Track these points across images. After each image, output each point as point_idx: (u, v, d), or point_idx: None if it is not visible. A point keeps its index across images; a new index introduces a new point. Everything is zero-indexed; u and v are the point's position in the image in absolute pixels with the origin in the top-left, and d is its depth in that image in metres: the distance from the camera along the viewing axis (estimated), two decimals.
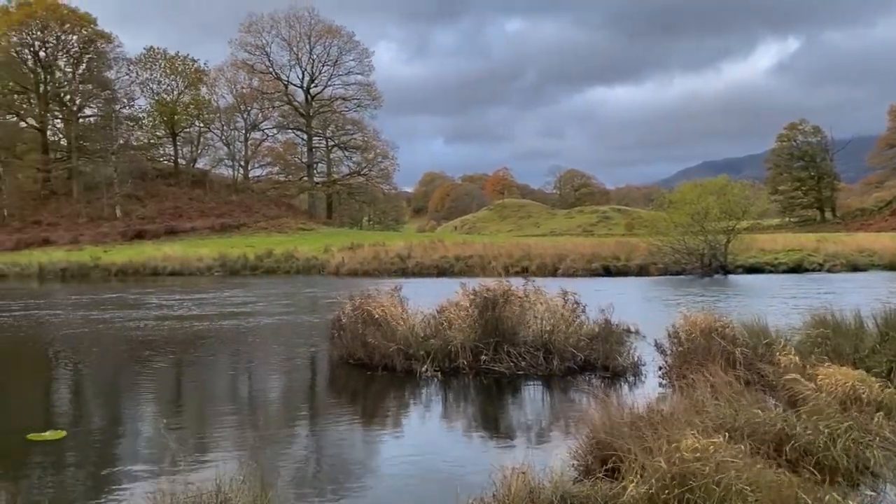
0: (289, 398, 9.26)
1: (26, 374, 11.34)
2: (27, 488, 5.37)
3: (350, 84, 76.83)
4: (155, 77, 71.36)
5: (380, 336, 9.58)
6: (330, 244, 44.30)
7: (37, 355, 12.69)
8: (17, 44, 65.50)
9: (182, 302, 21.69)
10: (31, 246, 52.74)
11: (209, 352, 12.65)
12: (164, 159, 74.31)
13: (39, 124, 67.69)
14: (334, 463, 6.28)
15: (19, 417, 8.10)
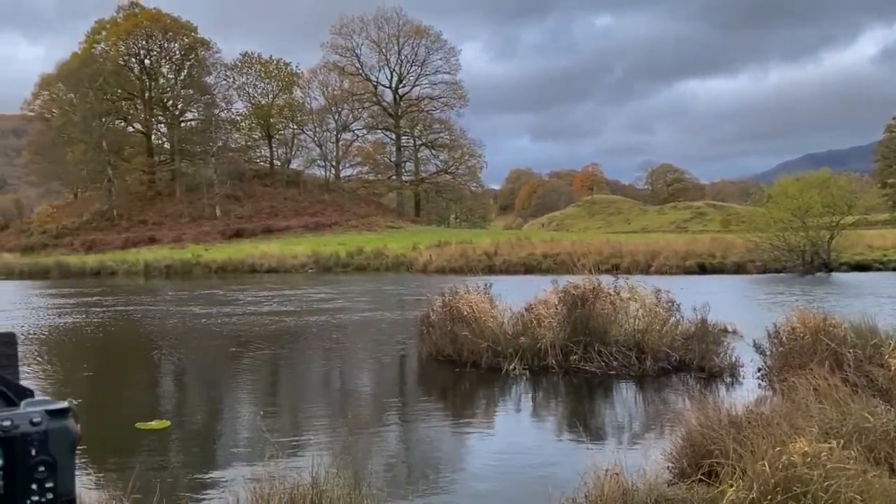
0: (379, 393, 9.40)
1: (134, 366, 11.97)
2: (138, 475, 5.66)
3: (437, 83, 77.52)
4: (251, 81, 74.05)
5: (469, 333, 9.59)
6: (418, 242, 44.80)
7: (143, 348, 13.38)
8: (125, 53, 69.28)
9: (277, 298, 22.41)
10: (138, 244, 55.78)
11: (301, 347, 13.01)
12: (260, 161, 76.96)
13: (145, 129, 71.50)
14: (424, 459, 6.33)
15: (128, 407, 8.56)
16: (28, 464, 0.82)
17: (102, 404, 8.76)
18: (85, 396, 8.89)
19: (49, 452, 0.83)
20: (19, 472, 0.81)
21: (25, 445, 0.82)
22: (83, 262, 44.08)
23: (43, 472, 0.82)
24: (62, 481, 0.84)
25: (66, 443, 0.85)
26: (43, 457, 0.82)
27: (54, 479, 0.83)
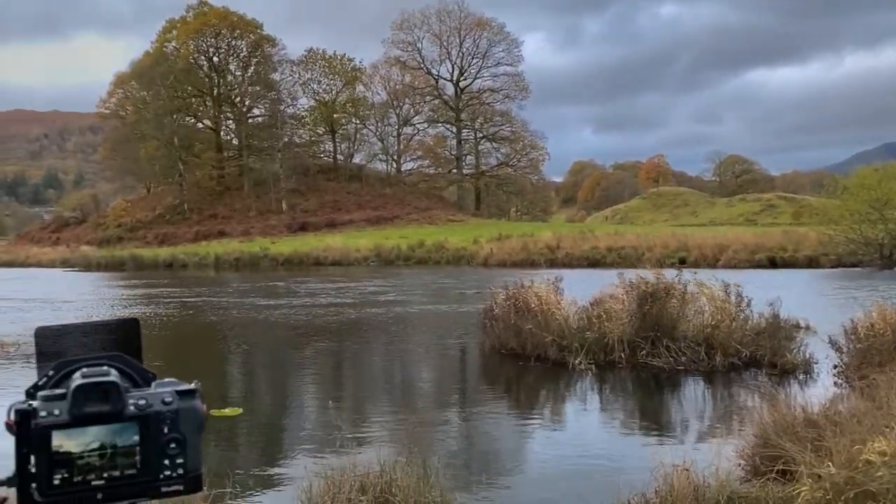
0: (442, 385, 9.48)
1: (206, 354, 12.36)
2: (212, 460, 5.87)
3: (498, 75, 77.16)
4: (315, 77, 75.19)
5: (534, 326, 9.56)
6: (478, 235, 44.76)
7: (213, 338, 13.80)
8: (194, 51, 71.25)
9: (340, 291, 22.77)
10: (208, 237, 57.44)
11: (364, 338, 13.21)
12: (324, 155, 78.17)
13: (214, 125, 73.49)
14: (490, 451, 6.36)
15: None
16: (161, 441, 0.87)
17: None
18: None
19: (179, 430, 0.88)
20: (153, 449, 0.86)
21: (158, 423, 0.87)
22: (156, 255, 45.65)
23: (174, 449, 0.87)
24: (191, 458, 0.88)
25: (194, 422, 0.89)
26: (174, 434, 0.87)
27: (184, 456, 0.88)
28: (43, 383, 0.92)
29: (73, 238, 61.79)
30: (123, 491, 0.86)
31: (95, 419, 0.85)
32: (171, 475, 0.87)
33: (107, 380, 0.86)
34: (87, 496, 0.85)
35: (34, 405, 0.85)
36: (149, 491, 0.87)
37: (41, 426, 0.83)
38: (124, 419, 0.86)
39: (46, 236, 66.84)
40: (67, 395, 0.85)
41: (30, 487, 0.83)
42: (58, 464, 0.84)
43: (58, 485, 0.84)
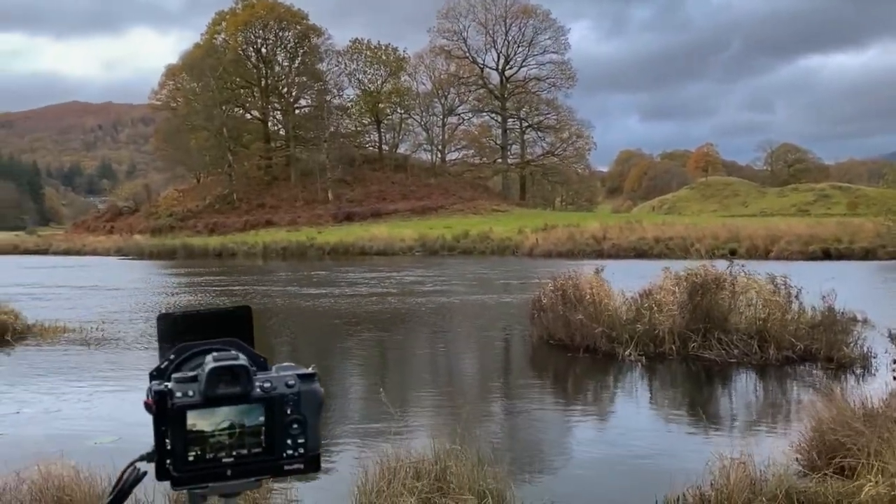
0: (491, 375, 9.52)
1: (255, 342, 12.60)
2: None
3: (544, 64, 76.54)
4: (360, 67, 75.60)
5: (584, 317, 9.53)
6: (523, 225, 44.59)
7: (262, 325, 14.07)
8: (243, 42, 72.30)
9: (385, 280, 22.97)
10: (257, 227, 58.39)
11: (410, 327, 13.31)
12: (369, 146, 78.65)
13: (262, 116, 74.53)
14: (540, 442, 6.38)
15: None
16: (284, 421, 0.92)
17: None
18: None
19: (301, 412, 0.93)
20: (277, 429, 0.91)
21: (282, 405, 0.92)
22: (206, 244, 46.60)
23: (296, 429, 0.92)
24: (311, 438, 0.94)
25: (314, 404, 0.94)
26: (296, 415, 0.92)
27: (305, 436, 0.93)
28: (165, 366, 0.99)
29: (127, 227, 63.42)
30: (250, 468, 0.91)
31: (225, 400, 0.89)
32: (293, 454, 0.92)
33: (237, 363, 0.90)
34: (218, 472, 0.90)
35: (170, 387, 0.89)
36: (273, 469, 0.92)
37: (177, 406, 0.88)
38: (251, 401, 0.90)
39: (101, 225, 68.75)
40: (201, 377, 0.90)
41: (166, 463, 0.89)
42: (191, 441, 0.89)
43: (191, 461, 0.89)
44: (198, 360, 0.99)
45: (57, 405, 7.62)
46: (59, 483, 4.21)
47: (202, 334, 1.03)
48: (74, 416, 7.22)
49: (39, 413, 7.33)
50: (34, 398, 7.92)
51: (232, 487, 0.93)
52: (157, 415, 0.89)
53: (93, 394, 8.09)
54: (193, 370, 0.93)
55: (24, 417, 7.17)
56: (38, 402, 7.74)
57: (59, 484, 4.21)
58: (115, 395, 8.08)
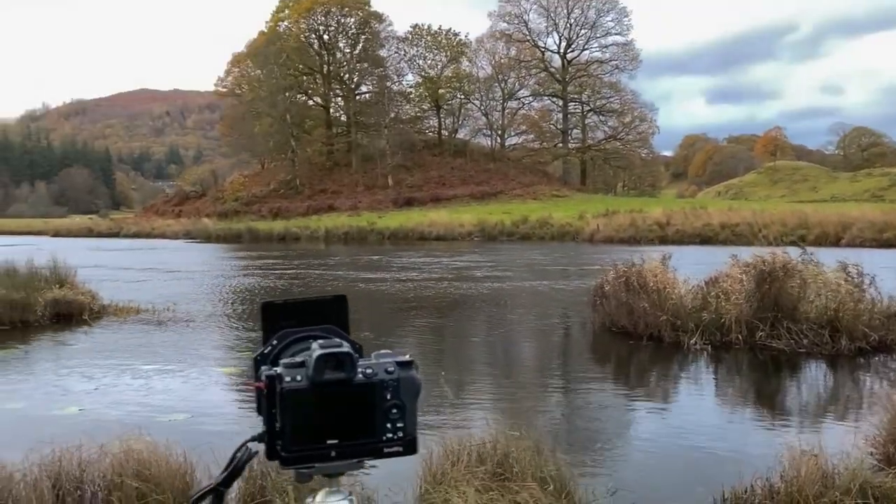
0: (551, 361, 9.50)
1: None
2: None
3: (607, 46, 75.25)
4: (420, 53, 75.73)
5: (648, 305, 9.40)
6: (584, 211, 44.11)
7: None
8: (306, 29, 73.25)
9: (444, 265, 23.08)
10: (319, 212, 59.35)
11: (468, 313, 13.34)
12: (429, 131, 78.85)
13: (324, 102, 75.50)
14: (603, 430, 6.35)
15: None
16: (384, 406, 0.96)
17: None
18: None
19: (400, 397, 0.97)
20: (378, 413, 0.96)
21: (382, 391, 0.96)
22: (270, 228, 47.62)
23: (395, 414, 0.97)
24: (409, 423, 0.98)
25: (412, 390, 0.99)
26: (395, 401, 0.97)
27: (404, 421, 0.97)
28: (269, 351, 1.05)
29: (194, 211, 65.28)
30: (352, 450, 0.96)
31: (331, 385, 0.94)
32: (392, 437, 0.97)
33: (342, 350, 0.95)
34: (323, 453, 0.95)
35: (279, 371, 0.94)
36: (373, 451, 0.97)
37: (286, 390, 0.93)
38: (354, 386, 0.95)
39: (169, 209, 70.95)
40: (308, 363, 0.94)
41: (276, 444, 0.94)
42: (299, 424, 0.94)
43: (299, 442, 0.94)
44: (299, 345, 1.04)
45: (132, 382, 7.95)
46: (139, 457, 4.41)
47: (302, 321, 1.08)
48: (148, 393, 7.52)
49: (116, 389, 7.66)
50: (110, 375, 8.28)
51: (335, 468, 0.98)
52: (268, 398, 0.94)
53: (165, 372, 8.40)
54: (299, 355, 0.97)
55: (102, 393, 7.50)
56: (114, 379, 8.09)
57: (138, 458, 4.40)
58: (186, 373, 8.38)
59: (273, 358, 1.03)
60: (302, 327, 1.07)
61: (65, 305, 12.29)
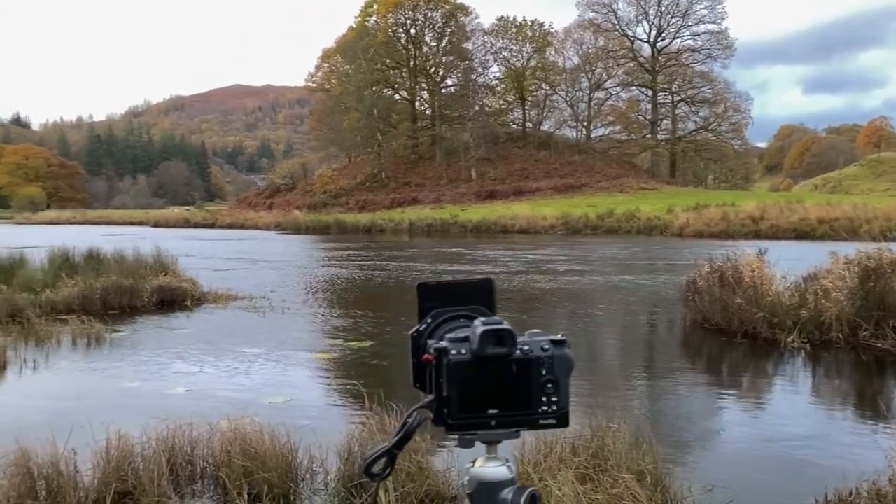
0: (642, 356, 9.38)
1: (400, 311, 13.06)
2: None
3: (700, 34, 72.86)
4: (506, 45, 75.45)
5: (743, 301, 9.15)
6: (673, 204, 43.03)
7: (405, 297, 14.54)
8: (393, 24, 74.18)
9: (527, 258, 23.01)
10: (403, 204, 60.13)
11: (552, 306, 13.28)
12: (513, 123, 78.54)
13: (410, 96, 76.33)
14: (695, 425, 6.25)
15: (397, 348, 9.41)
16: (539, 381, 1.02)
17: (393, 343, 9.68)
18: (378, 337, 9.90)
19: (554, 374, 1.03)
20: (534, 387, 1.02)
21: (538, 367, 1.02)
22: (357, 220, 48.61)
23: (550, 389, 1.02)
24: (562, 397, 1.03)
25: (565, 367, 1.04)
26: (549, 377, 1.03)
27: (557, 395, 1.03)
28: (423, 328, 1.13)
29: (285, 203, 67.25)
30: (510, 420, 1.03)
31: (492, 360, 1.01)
32: (547, 411, 1.03)
33: (504, 328, 1.01)
34: (484, 422, 1.02)
35: (445, 345, 1.02)
36: (529, 422, 1.03)
37: (452, 362, 1.01)
38: (513, 361, 1.02)
39: (261, 201, 73.35)
40: (472, 338, 1.01)
41: (443, 411, 1.02)
42: (463, 393, 1.01)
43: (463, 410, 1.01)
44: (450, 324, 1.13)
45: (233, 365, 8.34)
46: (245, 437, 4.66)
47: (453, 302, 1.16)
48: (248, 375, 7.87)
49: (218, 372, 8.06)
50: (213, 358, 8.71)
51: (495, 436, 1.04)
52: (437, 369, 1.02)
53: (263, 356, 8.77)
54: (462, 331, 1.05)
55: (205, 375, 7.91)
56: (216, 362, 8.51)
57: (244, 437, 4.65)
58: (283, 358, 8.72)
59: (428, 335, 1.11)
60: (454, 307, 1.15)
61: (169, 292, 12.98)
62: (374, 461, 1.07)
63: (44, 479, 4.07)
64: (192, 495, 4.50)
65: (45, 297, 11.67)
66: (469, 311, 1.14)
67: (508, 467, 1.05)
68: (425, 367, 1.05)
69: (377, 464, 1.07)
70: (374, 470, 1.07)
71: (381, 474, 1.07)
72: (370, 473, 1.07)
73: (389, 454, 1.06)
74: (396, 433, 1.07)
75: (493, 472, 1.05)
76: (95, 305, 11.82)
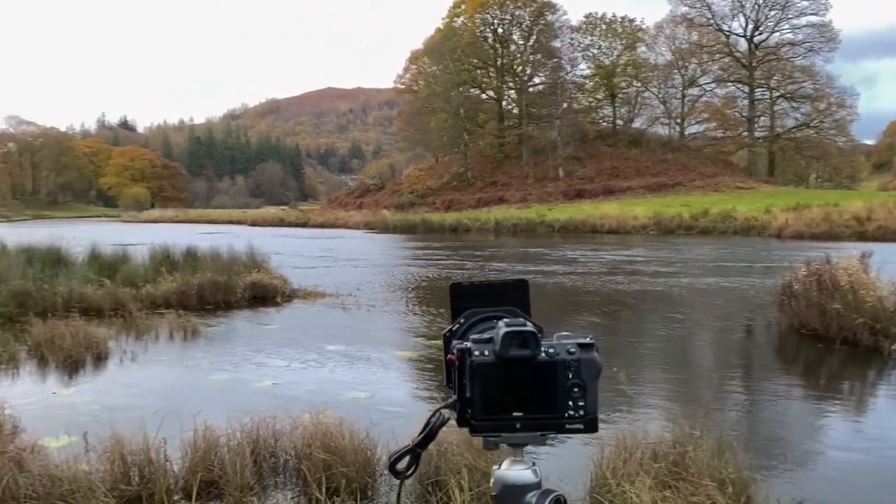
0: (732, 362, 9.02)
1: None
2: None
3: (800, 27, 69.51)
4: (595, 42, 74.26)
5: (842, 306, 8.66)
6: (771, 204, 41.24)
7: None
8: (480, 24, 74.31)
9: (616, 259, 22.55)
10: (489, 204, 60.12)
11: (641, 308, 12.95)
12: (602, 121, 77.24)
13: (496, 95, 76.25)
14: (787, 436, 5.96)
15: None
16: (566, 385, 1.00)
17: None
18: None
19: (581, 377, 1.00)
20: (560, 391, 1.00)
21: (564, 370, 1.00)
22: (443, 220, 48.92)
23: (577, 393, 1.00)
24: (590, 402, 1.01)
25: (593, 371, 1.01)
26: (576, 380, 1.00)
27: (584, 400, 1.01)
28: (456, 328, 1.12)
29: (373, 203, 68.47)
30: (536, 424, 1.01)
31: (515, 361, 0.99)
32: (573, 415, 1.00)
33: (527, 329, 1.00)
34: (509, 424, 1.01)
35: (469, 346, 1.00)
36: (555, 427, 1.01)
37: (475, 363, 0.99)
38: (537, 364, 1.00)
39: (351, 201, 74.93)
40: (495, 339, 0.99)
41: (466, 412, 1.00)
42: (487, 395, 1.00)
43: (486, 412, 1.00)
44: (484, 324, 1.11)
45: (318, 360, 8.55)
46: (326, 431, 4.76)
47: (487, 302, 1.15)
48: (333, 371, 8.05)
49: (305, 366, 8.28)
50: (300, 353, 8.95)
51: (519, 439, 1.03)
52: (460, 369, 1.01)
53: (348, 353, 8.95)
54: (487, 332, 1.03)
55: (292, 370, 8.14)
56: (303, 357, 8.75)
57: (325, 431, 4.75)
58: (367, 355, 8.87)
59: (461, 335, 1.10)
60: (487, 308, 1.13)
61: (261, 288, 13.45)
62: (398, 459, 1.07)
63: (136, 465, 4.29)
64: (275, 486, 4.63)
65: (145, 292, 12.32)
66: (503, 311, 1.12)
67: (534, 470, 1.04)
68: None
69: (401, 462, 1.07)
70: (399, 468, 1.07)
71: (405, 472, 1.07)
72: (395, 471, 1.07)
73: (413, 452, 1.06)
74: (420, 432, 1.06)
75: (517, 475, 1.03)
76: (192, 300, 12.38)
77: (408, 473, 1.08)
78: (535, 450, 1.08)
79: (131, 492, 4.16)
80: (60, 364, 8.15)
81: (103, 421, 4.95)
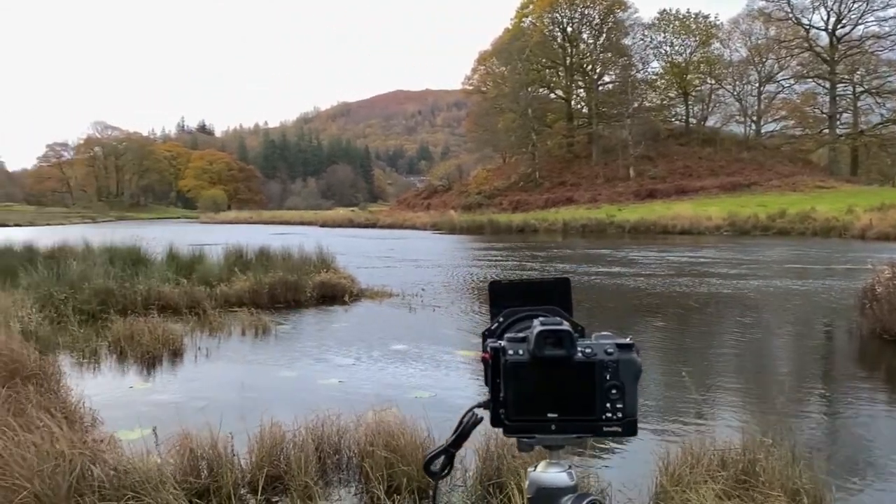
0: (808, 368, 8.67)
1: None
2: None
3: (887, 19, 66.37)
4: (667, 39, 72.70)
5: None
6: (854, 204, 39.50)
7: None
8: (549, 23, 73.76)
9: (689, 261, 21.99)
10: (557, 204, 59.61)
11: (714, 311, 12.59)
12: (675, 119, 75.54)
13: (565, 94, 75.53)
14: (868, 446, 5.68)
15: None
16: (603, 386, 0.98)
17: None
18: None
19: (619, 379, 0.98)
20: (598, 392, 0.98)
21: (602, 371, 0.98)
22: (510, 220, 48.77)
23: (615, 395, 0.98)
24: (629, 404, 0.98)
25: (632, 372, 0.99)
26: (615, 382, 0.98)
27: (623, 402, 0.98)
28: (495, 327, 1.11)
29: (441, 204, 68.84)
30: (572, 426, 0.99)
31: (550, 361, 0.97)
32: (611, 417, 0.98)
33: (562, 328, 0.98)
34: (544, 426, 0.98)
35: (503, 345, 0.99)
36: (593, 429, 0.99)
37: (509, 363, 0.97)
38: (573, 364, 0.97)
39: (419, 202, 75.52)
40: (529, 338, 0.98)
41: (500, 412, 0.99)
42: (521, 395, 0.98)
43: (521, 413, 0.98)
44: (523, 323, 1.09)
45: (384, 359, 8.64)
46: (388, 429, 4.79)
47: (527, 301, 1.13)
48: (397, 369, 8.12)
49: (370, 365, 8.38)
50: (366, 352, 9.07)
51: (555, 441, 1.00)
52: (493, 368, 0.99)
53: (412, 352, 9.01)
54: (522, 332, 1.01)
55: (358, 368, 8.25)
56: (368, 355, 8.86)
57: (387, 430, 4.79)
58: (431, 354, 8.91)
59: (499, 334, 1.08)
60: (527, 307, 1.11)
61: (329, 288, 13.69)
62: (432, 459, 1.06)
63: (205, 459, 4.42)
64: (338, 483, 4.70)
65: (219, 291, 12.71)
66: (543, 311, 1.10)
67: (569, 473, 1.01)
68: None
69: (435, 462, 1.06)
70: (433, 468, 1.06)
71: (440, 473, 1.06)
72: (429, 472, 1.07)
73: (447, 453, 1.06)
74: (453, 432, 1.06)
75: (552, 478, 1.01)
76: (263, 299, 12.69)
77: (443, 474, 1.07)
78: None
79: (200, 485, 4.28)
80: (139, 359, 8.49)
81: (177, 415, 5.12)
